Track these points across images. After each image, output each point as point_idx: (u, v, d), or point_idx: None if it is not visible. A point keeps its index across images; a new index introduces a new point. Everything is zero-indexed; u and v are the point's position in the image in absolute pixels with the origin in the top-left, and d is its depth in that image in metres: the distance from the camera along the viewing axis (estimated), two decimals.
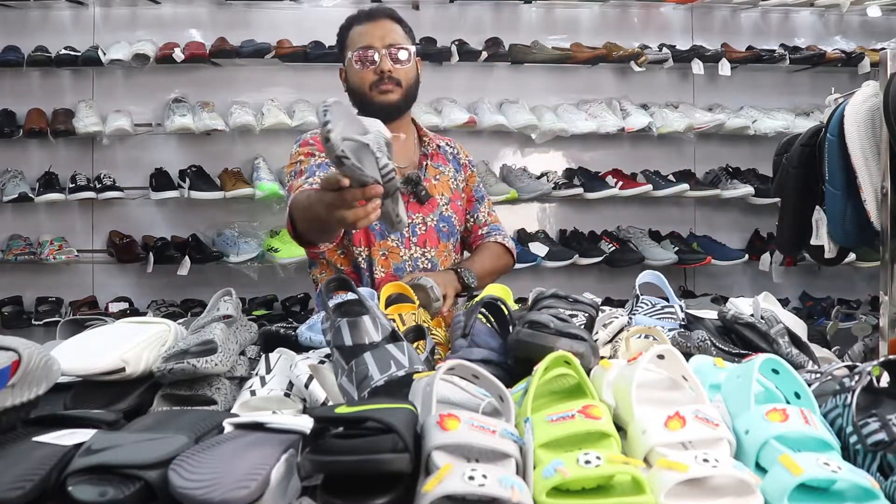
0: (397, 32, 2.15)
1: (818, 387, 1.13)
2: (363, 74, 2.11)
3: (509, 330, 1.40)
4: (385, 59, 2.09)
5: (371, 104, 2.09)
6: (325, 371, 1.27)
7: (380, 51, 2.10)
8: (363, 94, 2.12)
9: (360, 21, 2.17)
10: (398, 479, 0.87)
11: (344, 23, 2.22)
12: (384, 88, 2.10)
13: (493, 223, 2.34)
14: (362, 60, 2.10)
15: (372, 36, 2.12)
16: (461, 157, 2.33)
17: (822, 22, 4.22)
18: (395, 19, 2.19)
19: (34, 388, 1.03)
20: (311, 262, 2.25)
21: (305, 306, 3.76)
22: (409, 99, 2.16)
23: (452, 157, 2.30)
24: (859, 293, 4.01)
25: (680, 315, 1.63)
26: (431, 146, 2.24)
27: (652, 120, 3.82)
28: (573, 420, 0.95)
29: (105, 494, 0.83)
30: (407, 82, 2.13)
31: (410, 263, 2.13)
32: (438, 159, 2.26)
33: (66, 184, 3.67)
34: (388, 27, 2.15)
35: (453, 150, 2.33)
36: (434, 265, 2.15)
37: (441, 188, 2.22)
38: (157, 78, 3.78)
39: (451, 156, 2.30)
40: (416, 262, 2.14)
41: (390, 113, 2.11)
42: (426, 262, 2.14)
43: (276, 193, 3.63)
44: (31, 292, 3.74)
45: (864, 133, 2.29)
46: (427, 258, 2.15)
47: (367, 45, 2.11)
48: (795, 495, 0.84)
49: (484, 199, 2.36)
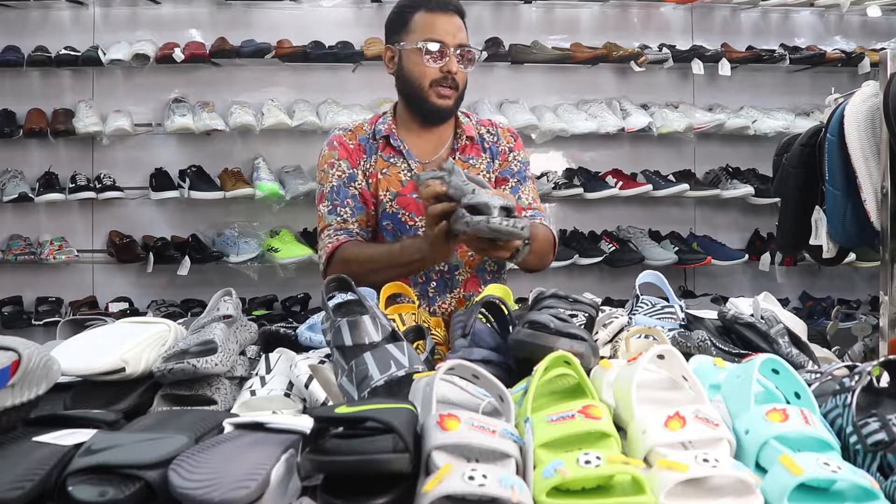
0: (465, 31, 2.06)
1: (818, 387, 1.13)
2: (426, 69, 2.00)
3: (509, 330, 1.41)
4: (453, 60, 2.00)
5: (425, 103, 2.04)
6: (325, 371, 1.27)
7: (449, 49, 2.00)
8: (419, 88, 2.03)
9: (429, 7, 2.03)
10: (398, 479, 0.87)
11: (406, 2, 2.08)
12: (443, 92, 2.02)
13: (537, 209, 2.17)
14: (429, 54, 1.99)
15: (443, 30, 2.01)
16: (502, 143, 2.19)
17: (822, 22, 4.22)
18: (462, 16, 2.07)
19: (34, 388, 1.03)
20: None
21: (305, 306, 3.76)
22: (459, 104, 2.10)
23: (490, 146, 2.18)
24: (859, 293, 4.01)
25: (680, 315, 1.63)
26: (462, 139, 2.14)
27: (652, 120, 3.82)
28: (573, 420, 0.95)
29: (105, 494, 0.83)
30: (463, 86, 2.06)
31: None
32: (471, 151, 2.14)
33: (66, 184, 3.67)
34: (458, 24, 2.04)
35: (494, 138, 2.19)
36: (456, 266, 2.09)
37: None
38: (157, 78, 3.78)
39: (488, 144, 2.18)
40: None
41: (443, 118, 2.08)
42: (443, 263, 2.07)
43: (276, 193, 3.63)
44: (31, 292, 3.74)
45: (864, 133, 2.29)
46: None
47: (439, 40, 1.99)
48: (795, 495, 0.84)
49: (527, 180, 2.20)
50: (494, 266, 2.15)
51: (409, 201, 2.06)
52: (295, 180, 3.69)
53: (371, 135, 2.14)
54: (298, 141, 3.82)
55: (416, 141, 2.13)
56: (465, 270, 2.10)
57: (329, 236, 2.04)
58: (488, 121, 2.26)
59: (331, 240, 2.03)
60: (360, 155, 2.12)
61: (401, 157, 2.11)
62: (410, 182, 2.08)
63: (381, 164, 2.11)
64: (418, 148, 2.13)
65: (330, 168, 2.09)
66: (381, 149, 2.12)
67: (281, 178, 3.75)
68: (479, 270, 2.13)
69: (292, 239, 3.72)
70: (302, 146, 3.84)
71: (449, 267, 2.09)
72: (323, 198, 2.08)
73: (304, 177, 3.73)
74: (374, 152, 2.12)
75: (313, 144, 3.81)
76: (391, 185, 2.08)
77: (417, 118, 2.11)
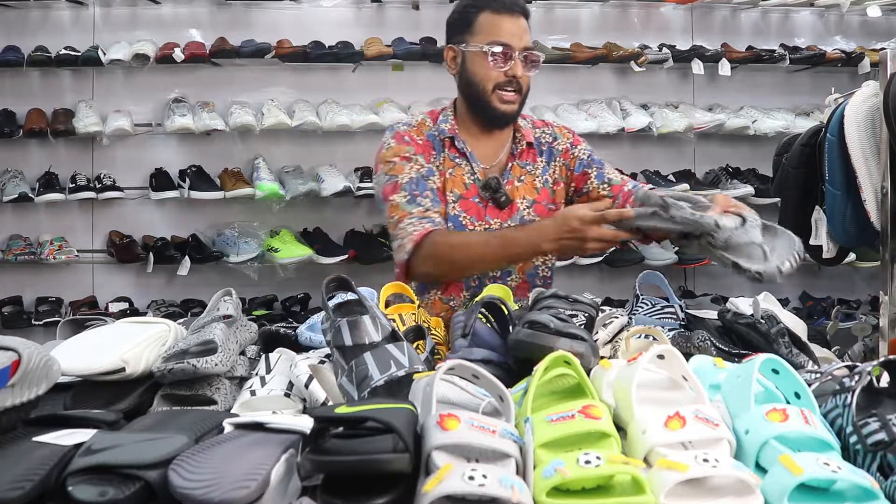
0: (529, 34, 2.03)
1: (818, 387, 1.13)
2: (490, 71, 1.98)
3: (509, 330, 1.40)
4: (518, 64, 1.98)
5: (489, 107, 2.02)
6: (325, 371, 1.27)
7: (515, 52, 1.97)
8: (482, 90, 2.01)
9: (494, 8, 2.00)
10: (398, 479, 0.87)
11: (470, 2, 2.04)
12: (507, 97, 2.00)
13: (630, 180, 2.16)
14: (495, 56, 1.97)
15: (510, 33, 1.98)
16: (559, 142, 2.18)
17: (822, 22, 4.22)
18: (528, 17, 2.04)
19: (34, 388, 1.03)
20: None
21: (305, 306, 3.76)
22: (522, 107, 2.08)
23: (547, 148, 2.17)
24: (859, 293, 4.01)
25: (680, 315, 1.63)
26: (521, 144, 2.13)
27: (652, 120, 3.81)
28: (573, 420, 0.95)
29: (105, 494, 0.83)
30: (526, 90, 2.04)
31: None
32: (527, 157, 2.14)
33: (66, 184, 3.67)
34: (524, 26, 2.01)
35: (550, 138, 2.18)
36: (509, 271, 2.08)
37: (525, 190, 2.11)
38: (157, 78, 3.78)
39: (545, 146, 2.17)
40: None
41: (506, 122, 2.07)
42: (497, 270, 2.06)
43: (276, 193, 3.63)
44: (31, 292, 3.74)
45: (864, 133, 2.29)
46: None
47: (505, 43, 1.97)
48: (795, 495, 0.84)
49: (603, 162, 2.19)
50: (548, 272, 2.16)
51: (472, 205, 2.05)
52: (295, 180, 3.69)
53: (436, 132, 2.11)
54: (298, 141, 3.83)
55: (477, 144, 2.11)
56: (517, 276, 2.10)
57: (412, 224, 1.95)
58: (542, 121, 2.25)
59: (415, 228, 1.94)
60: (429, 152, 2.08)
61: (465, 159, 2.09)
62: (473, 185, 2.07)
63: (448, 163, 2.08)
64: (479, 151, 2.11)
65: (405, 161, 2.02)
66: (448, 147, 2.09)
67: (281, 178, 3.75)
68: (530, 276, 2.13)
69: (292, 239, 3.72)
70: (302, 146, 3.85)
71: (502, 272, 2.08)
72: (397, 188, 2.00)
73: (304, 177, 3.73)
74: (441, 150, 2.09)
75: (313, 144, 3.83)
76: (455, 187, 2.06)
77: (479, 121, 2.09)
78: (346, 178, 3.73)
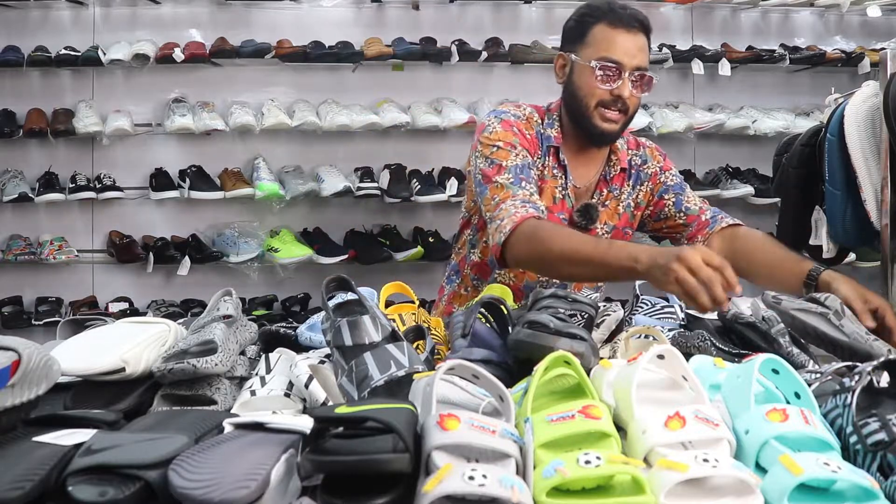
0: (646, 52, 1.92)
1: (818, 387, 1.13)
2: (596, 88, 1.88)
3: (509, 330, 1.40)
4: (626, 83, 1.87)
5: (590, 124, 1.92)
6: (325, 371, 1.27)
7: (625, 71, 1.86)
8: (584, 106, 1.91)
9: (611, 21, 1.89)
10: (398, 479, 0.87)
11: (587, 10, 1.95)
12: (609, 115, 1.90)
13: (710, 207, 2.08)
14: (604, 73, 1.86)
15: (623, 49, 1.87)
16: (649, 165, 2.10)
17: (822, 22, 4.22)
18: (647, 33, 1.93)
19: (34, 388, 1.03)
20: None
21: (305, 306, 3.76)
22: (625, 128, 1.98)
23: (636, 172, 2.09)
24: None
25: (680, 315, 1.63)
26: (615, 169, 2.05)
27: (652, 120, 3.81)
28: (573, 420, 0.94)
29: (105, 494, 0.83)
30: (633, 111, 1.94)
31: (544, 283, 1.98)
32: (617, 181, 2.06)
33: (66, 184, 3.67)
34: (640, 44, 1.90)
35: (640, 161, 2.10)
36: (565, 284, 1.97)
37: (607, 215, 2.05)
38: (157, 78, 3.78)
39: (634, 170, 2.09)
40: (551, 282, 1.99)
41: (605, 142, 1.98)
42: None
43: (276, 193, 3.64)
44: (31, 292, 3.74)
45: (864, 133, 2.29)
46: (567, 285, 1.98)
47: (616, 60, 1.86)
48: (795, 495, 0.84)
49: (685, 188, 2.12)
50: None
51: (555, 220, 1.97)
52: (295, 180, 3.69)
53: (544, 133, 2.02)
54: (298, 141, 3.83)
55: (575, 159, 2.03)
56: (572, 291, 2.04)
57: (514, 207, 1.79)
58: (634, 141, 2.15)
59: (517, 210, 1.78)
60: (535, 150, 1.99)
61: (563, 172, 2.01)
62: (562, 201, 2.01)
63: (547, 171, 2.01)
64: (575, 167, 2.03)
65: (509, 147, 1.90)
66: (550, 155, 2.01)
67: (281, 178, 3.76)
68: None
69: (292, 239, 3.73)
70: (302, 146, 3.85)
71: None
72: (502, 170, 1.86)
73: (304, 177, 3.74)
74: (545, 155, 2.01)
75: (313, 144, 3.84)
76: (544, 198, 1.97)
77: (579, 136, 2.00)
78: (346, 178, 3.73)
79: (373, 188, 3.70)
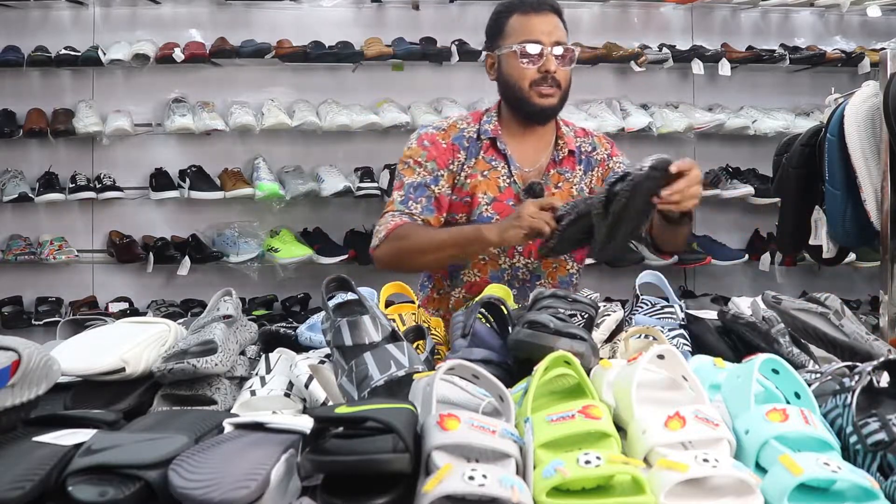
0: (562, 29, 2.02)
1: (818, 387, 1.13)
2: (524, 71, 1.99)
3: (509, 330, 1.40)
4: (550, 59, 1.97)
5: (528, 104, 2.02)
6: (325, 371, 1.27)
7: (546, 48, 1.97)
8: (519, 90, 2.01)
9: (523, 10, 2.02)
10: (398, 479, 0.87)
11: (501, 7, 2.07)
12: (545, 92, 2.00)
13: None
14: (526, 55, 1.98)
15: (538, 30, 1.98)
16: (598, 152, 2.19)
17: (822, 22, 4.22)
18: (559, 14, 2.04)
19: (34, 388, 1.03)
20: None
21: (305, 306, 3.76)
22: (564, 102, 2.06)
23: (585, 157, 2.17)
24: (859, 293, 4.00)
25: (680, 315, 1.63)
26: (563, 151, 2.12)
27: (652, 120, 3.81)
28: (573, 420, 0.95)
29: (105, 494, 0.83)
30: (565, 84, 2.03)
31: (510, 272, 2.08)
32: (567, 164, 2.14)
33: (66, 184, 3.67)
34: (553, 22, 2.01)
35: (590, 147, 2.19)
36: (538, 276, 2.10)
37: (561, 197, 2.08)
38: (157, 78, 3.78)
39: (584, 155, 2.17)
40: (517, 272, 2.09)
41: (547, 117, 2.06)
42: (526, 273, 2.08)
43: (276, 193, 3.63)
44: (31, 292, 3.74)
45: (864, 133, 2.29)
46: (528, 269, 2.09)
47: (535, 41, 1.97)
48: (795, 495, 0.84)
49: None
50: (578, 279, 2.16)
51: (505, 207, 2.04)
52: (295, 180, 3.69)
53: (476, 134, 2.11)
54: (298, 141, 3.83)
55: (518, 146, 2.11)
56: (546, 281, 2.10)
57: (392, 216, 2.02)
58: (582, 130, 2.23)
59: (394, 219, 2.01)
60: (452, 155, 2.08)
61: (503, 161, 2.09)
62: (508, 188, 2.08)
63: (483, 165, 2.08)
64: (519, 153, 2.11)
65: (416, 165, 2.07)
66: (485, 150, 2.09)
67: (281, 178, 3.75)
68: (562, 282, 2.12)
69: (292, 239, 3.72)
70: (302, 146, 3.85)
71: (531, 276, 2.09)
72: (401, 187, 2.07)
73: (304, 177, 3.73)
74: (475, 153, 2.09)
75: (313, 144, 3.84)
76: (489, 189, 2.06)
77: (520, 119, 2.09)
78: (346, 178, 3.73)
79: (373, 188, 3.69)
